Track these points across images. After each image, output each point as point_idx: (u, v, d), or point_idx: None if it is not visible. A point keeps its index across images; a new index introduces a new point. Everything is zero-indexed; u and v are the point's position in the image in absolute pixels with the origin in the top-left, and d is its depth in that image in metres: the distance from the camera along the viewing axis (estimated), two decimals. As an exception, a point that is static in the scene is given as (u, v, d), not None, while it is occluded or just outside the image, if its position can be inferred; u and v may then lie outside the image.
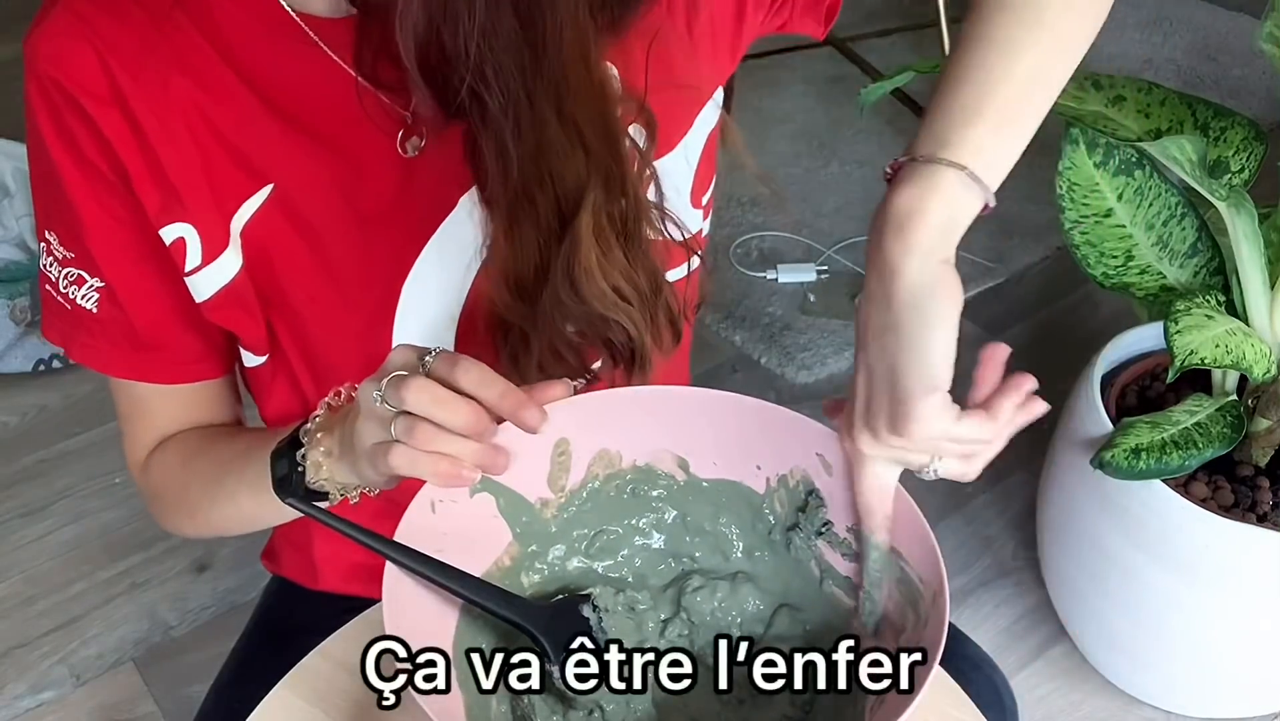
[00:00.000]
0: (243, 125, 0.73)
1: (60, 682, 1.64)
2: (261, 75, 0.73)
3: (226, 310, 0.79)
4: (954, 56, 0.70)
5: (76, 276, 0.79)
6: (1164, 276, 1.43)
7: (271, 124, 0.74)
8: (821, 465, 0.71)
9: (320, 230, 0.77)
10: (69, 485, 1.90)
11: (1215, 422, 1.37)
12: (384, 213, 0.77)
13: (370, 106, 0.72)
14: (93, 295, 0.79)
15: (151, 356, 0.82)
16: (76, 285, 0.80)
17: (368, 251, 0.78)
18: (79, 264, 0.79)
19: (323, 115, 0.74)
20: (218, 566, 1.79)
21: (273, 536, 1.02)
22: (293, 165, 0.75)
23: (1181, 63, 2.89)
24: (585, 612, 0.70)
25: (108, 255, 0.78)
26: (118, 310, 0.80)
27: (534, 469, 0.72)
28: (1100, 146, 1.38)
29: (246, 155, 0.74)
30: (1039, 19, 0.67)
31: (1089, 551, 1.52)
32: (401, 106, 0.74)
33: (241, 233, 0.76)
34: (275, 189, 0.75)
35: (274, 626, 0.99)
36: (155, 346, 0.82)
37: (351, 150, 0.75)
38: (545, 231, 0.70)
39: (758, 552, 0.75)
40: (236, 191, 0.75)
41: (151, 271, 0.78)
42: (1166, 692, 1.59)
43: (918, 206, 0.63)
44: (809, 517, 0.72)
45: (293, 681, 0.77)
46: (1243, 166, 1.36)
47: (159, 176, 0.74)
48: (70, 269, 0.79)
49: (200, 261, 0.77)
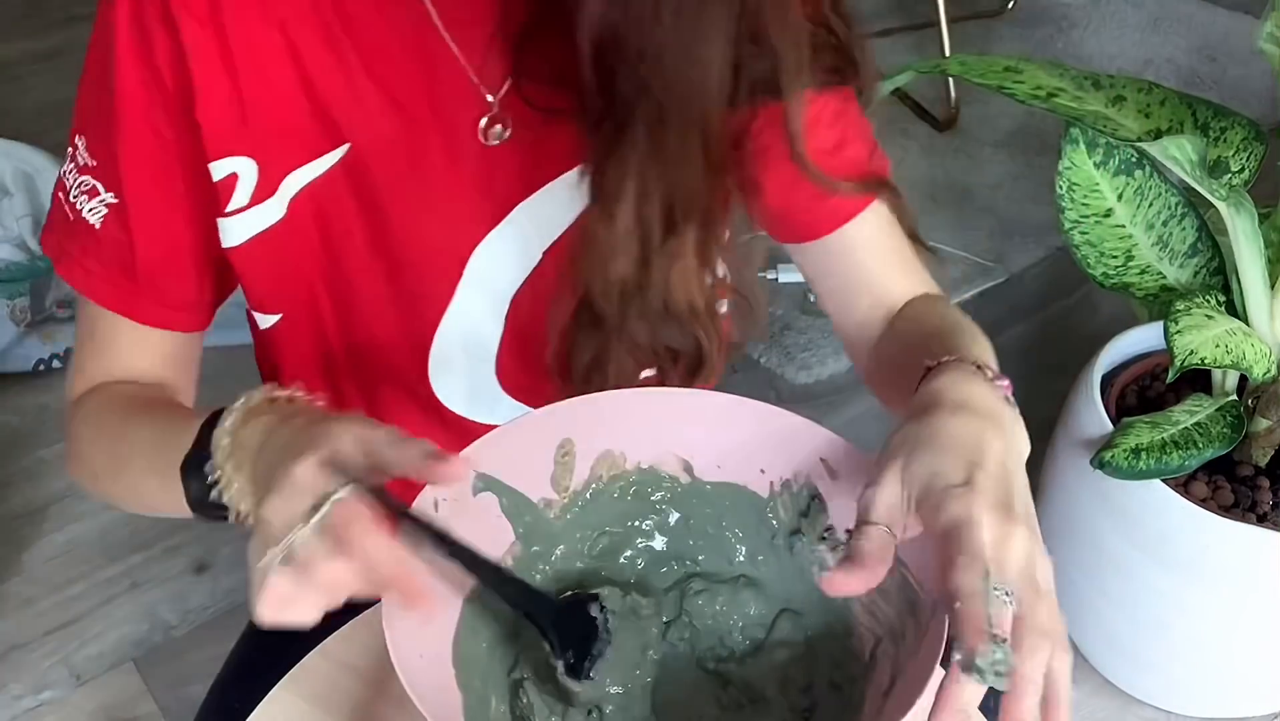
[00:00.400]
0: (336, 80, 0.73)
1: (60, 682, 1.64)
2: (366, 35, 0.73)
3: (255, 259, 0.78)
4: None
5: (91, 187, 0.76)
6: (1164, 276, 1.43)
7: (366, 84, 0.74)
8: (825, 470, 0.71)
9: (385, 203, 0.77)
10: (69, 485, 1.89)
11: (1215, 422, 1.37)
12: (452, 197, 0.78)
13: (460, 87, 0.74)
14: (101, 210, 0.76)
15: (140, 291, 0.79)
16: (88, 196, 0.76)
17: (429, 231, 0.78)
18: (99, 174, 0.76)
19: (414, 88, 0.74)
20: (218, 566, 1.79)
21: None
22: (375, 132, 0.75)
23: (1181, 63, 2.89)
24: (593, 612, 0.70)
25: (135, 171, 0.75)
26: (122, 233, 0.77)
27: (538, 469, 0.72)
28: (1100, 146, 1.38)
29: (331, 111, 0.74)
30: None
31: (1089, 551, 1.52)
32: (490, 92, 0.75)
33: (301, 190, 0.76)
34: (351, 150, 0.75)
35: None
36: (148, 281, 0.79)
37: (433, 128, 0.76)
38: (646, 235, 0.73)
39: (760, 556, 0.75)
40: (310, 145, 0.75)
41: (174, 201, 0.76)
42: (1166, 692, 1.60)
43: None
44: (812, 522, 0.72)
45: (293, 681, 0.77)
46: (1243, 166, 1.36)
47: (233, 106, 0.72)
48: (87, 178, 0.77)
49: (246, 202, 0.76)
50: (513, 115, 0.76)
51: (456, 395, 0.87)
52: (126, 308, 0.80)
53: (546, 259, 0.82)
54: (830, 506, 0.71)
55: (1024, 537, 0.58)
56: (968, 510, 0.58)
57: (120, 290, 0.79)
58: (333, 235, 0.78)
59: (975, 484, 0.59)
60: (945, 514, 0.59)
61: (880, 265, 0.88)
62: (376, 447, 0.59)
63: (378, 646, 0.61)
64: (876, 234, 0.87)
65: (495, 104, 0.76)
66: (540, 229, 0.81)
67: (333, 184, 0.76)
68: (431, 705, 0.58)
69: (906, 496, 0.62)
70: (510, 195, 0.80)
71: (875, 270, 0.88)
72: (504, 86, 0.75)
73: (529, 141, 0.77)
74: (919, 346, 0.76)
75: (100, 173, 0.76)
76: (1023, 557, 0.58)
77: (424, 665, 0.62)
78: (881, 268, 0.88)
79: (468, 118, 0.76)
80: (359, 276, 0.80)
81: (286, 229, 0.77)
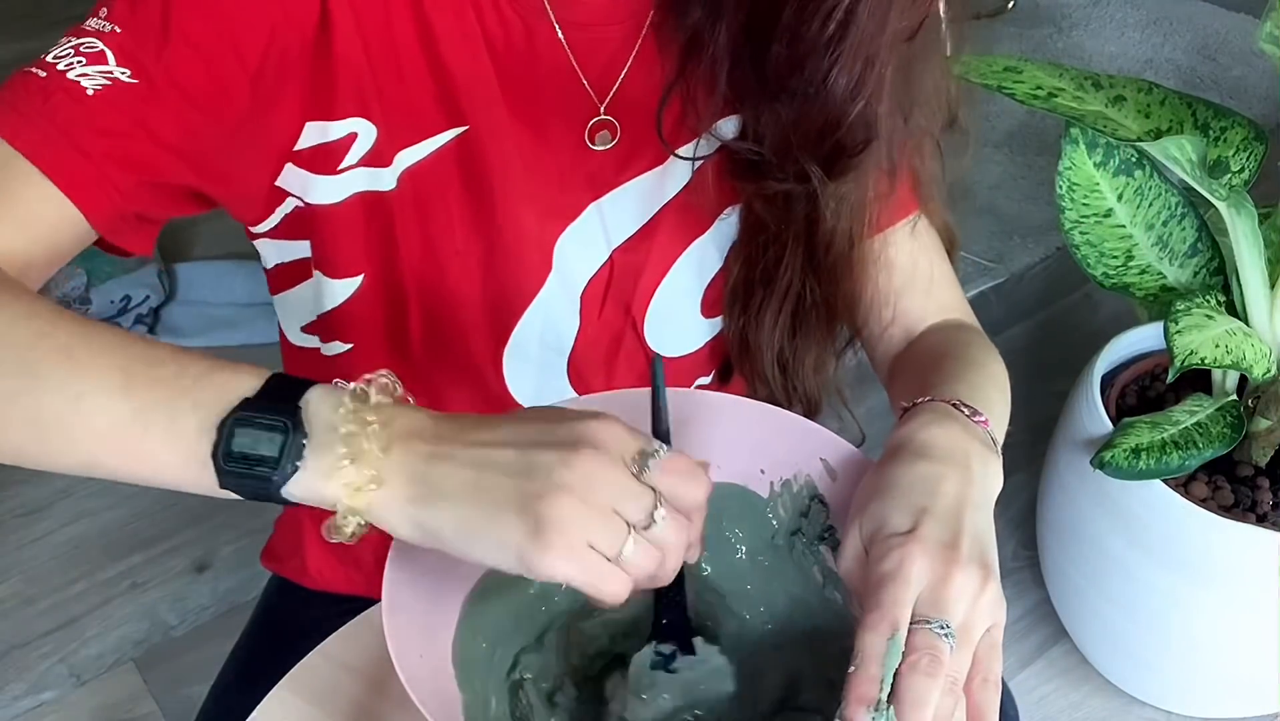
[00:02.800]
0: (463, 59, 0.73)
1: (60, 682, 1.64)
2: (491, 20, 0.73)
3: (350, 220, 0.76)
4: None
5: (98, 51, 0.63)
6: (1164, 276, 1.43)
7: (488, 69, 0.74)
8: (825, 470, 0.71)
9: (491, 188, 0.77)
10: (69, 485, 1.89)
11: (1215, 422, 1.37)
12: (552, 190, 0.79)
13: (570, 88, 0.76)
14: (99, 80, 0.62)
15: (89, 163, 0.63)
16: (86, 59, 0.63)
17: (526, 221, 0.79)
18: (120, 43, 0.63)
19: (530, 80, 0.76)
20: (218, 566, 1.79)
21: (273, 536, 1.02)
22: (493, 117, 0.75)
23: (1181, 63, 2.89)
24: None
25: (187, 68, 0.64)
26: (116, 114, 0.63)
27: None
28: (1100, 146, 1.38)
29: (454, 91, 0.74)
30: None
31: (1089, 551, 1.52)
32: (599, 98, 0.77)
33: (415, 164, 0.76)
34: (468, 132, 0.75)
35: (274, 626, 0.99)
36: (105, 162, 0.63)
37: (545, 123, 0.77)
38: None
39: (760, 556, 0.75)
40: (430, 121, 0.75)
41: (207, 122, 0.66)
42: (1166, 692, 1.60)
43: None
44: (811, 522, 0.72)
45: (293, 681, 0.77)
46: (1243, 166, 1.36)
47: (365, 71, 0.71)
48: (94, 40, 0.63)
49: (355, 162, 0.74)
50: (620, 120, 0.78)
51: (525, 387, 0.87)
52: (57, 166, 0.62)
53: (615, 256, 0.84)
54: (831, 506, 0.71)
55: (970, 579, 0.58)
56: (899, 562, 0.58)
57: (61, 150, 0.62)
58: (433, 213, 0.78)
59: (918, 530, 0.59)
60: (878, 567, 0.59)
61: (905, 282, 0.88)
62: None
63: (378, 646, 0.61)
64: (904, 251, 0.88)
65: (603, 110, 0.78)
66: (611, 227, 0.82)
67: (443, 162, 0.76)
68: (431, 705, 0.58)
69: (863, 549, 0.62)
70: (597, 192, 0.81)
71: (899, 286, 0.88)
72: (611, 93, 0.77)
73: (627, 146, 0.80)
74: (917, 378, 0.78)
75: (127, 41, 0.63)
76: (965, 600, 0.57)
77: (424, 665, 0.62)
78: (906, 285, 0.88)
79: (577, 119, 0.78)
80: (452, 258, 0.80)
81: (393, 199, 0.77)
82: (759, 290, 0.85)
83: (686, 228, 0.84)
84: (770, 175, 0.78)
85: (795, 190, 0.78)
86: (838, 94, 0.71)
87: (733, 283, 0.86)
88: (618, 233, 0.83)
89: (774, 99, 0.74)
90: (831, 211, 0.78)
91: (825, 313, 0.85)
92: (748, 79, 0.74)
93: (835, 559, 0.67)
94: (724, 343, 0.90)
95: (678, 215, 0.83)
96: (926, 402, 0.69)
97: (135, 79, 0.63)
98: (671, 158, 0.81)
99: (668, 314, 0.87)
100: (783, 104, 0.74)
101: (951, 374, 0.76)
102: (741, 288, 0.86)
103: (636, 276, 0.85)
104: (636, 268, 0.84)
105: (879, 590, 0.57)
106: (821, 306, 0.85)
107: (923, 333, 0.88)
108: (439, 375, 0.86)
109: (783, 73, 0.72)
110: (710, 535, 0.75)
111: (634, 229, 0.83)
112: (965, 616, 0.57)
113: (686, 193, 0.83)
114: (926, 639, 0.55)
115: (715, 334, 0.90)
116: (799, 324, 0.86)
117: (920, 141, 0.81)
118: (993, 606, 0.58)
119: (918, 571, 0.57)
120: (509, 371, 0.86)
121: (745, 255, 0.85)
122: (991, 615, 0.58)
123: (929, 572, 0.58)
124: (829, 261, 0.82)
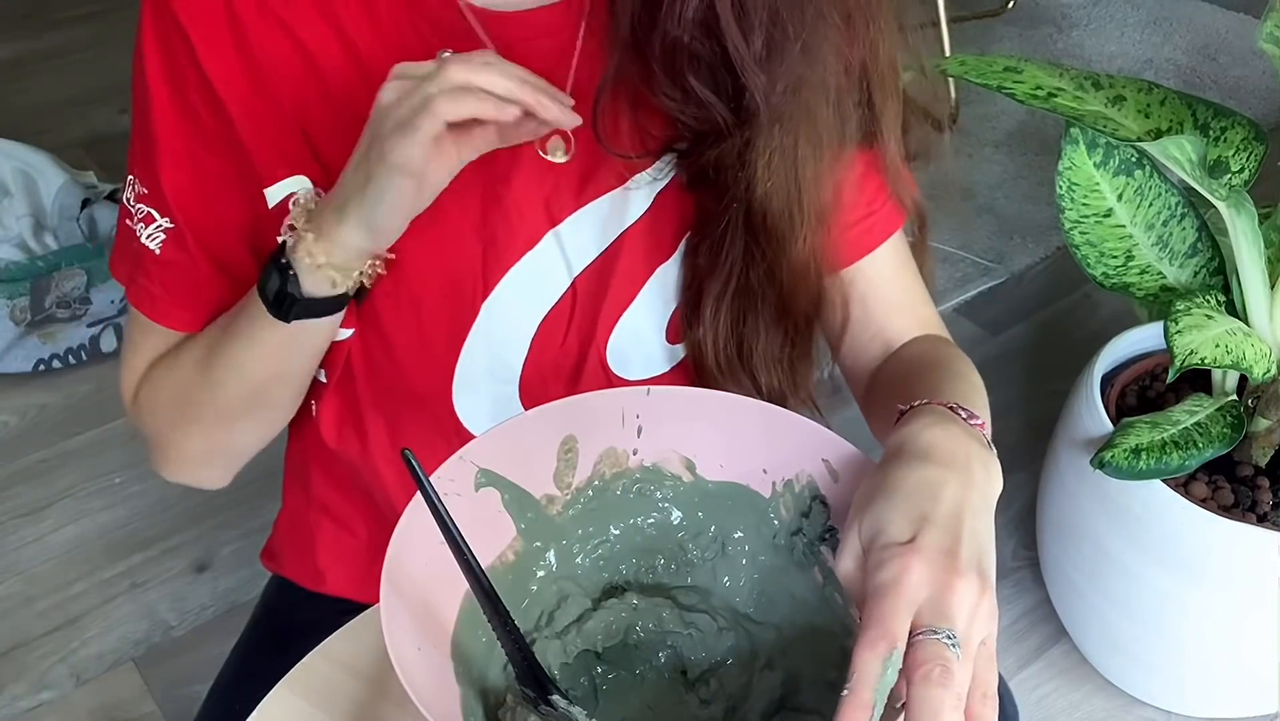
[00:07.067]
0: (361, 94, 0.72)
1: (60, 682, 1.64)
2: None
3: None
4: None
5: (146, 214, 0.80)
6: (1164, 276, 1.43)
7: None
8: (827, 470, 0.71)
9: (436, 222, 0.75)
10: (69, 485, 1.90)
11: (1215, 422, 1.37)
12: (511, 200, 0.79)
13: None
14: (159, 236, 0.79)
15: (201, 308, 0.82)
16: (145, 223, 0.80)
17: (465, 248, 0.79)
18: (152, 201, 0.79)
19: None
20: (218, 566, 1.79)
21: (273, 536, 1.02)
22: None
23: (1181, 63, 2.89)
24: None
25: (180, 198, 0.78)
26: (183, 254, 0.80)
27: (540, 465, 0.72)
28: (1100, 146, 1.38)
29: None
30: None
31: (1089, 551, 1.52)
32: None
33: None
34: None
35: (274, 626, 0.99)
36: (209, 294, 0.82)
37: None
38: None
39: (761, 556, 0.75)
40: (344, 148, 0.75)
41: (227, 223, 0.79)
42: (1166, 692, 1.60)
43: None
44: (813, 523, 0.72)
45: (293, 681, 0.77)
46: (1243, 166, 1.36)
47: (273, 128, 0.75)
48: (142, 205, 0.80)
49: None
50: (576, 135, 0.77)
51: (479, 418, 0.87)
52: (190, 327, 0.83)
53: (578, 283, 0.83)
54: (832, 507, 0.71)
55: (969, 587, 0.57)
56: (897, 573, 0.57)
57: (185, 313, 0.83)
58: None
59: (918, 539, 0.58)
60: (876, 575, 0.58)
61: (885, 301, 0.88)
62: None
63: (378, 646, 0.61)
64: (888, 269, 0.88)
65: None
66: (571, 253, 0.82)
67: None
68: (429, 699, 0.58)
69: (862, 553, 0.61)
70: (554, 219, 0.80)
71: (880, 305, 0.88)
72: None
73: (585, 161, 0.79)
74: (903, 386, 0.78)
75: (153, 200, 0.79)
76: (965, 609, 0.57)
77: (422, 659, 0.62)
78: (886, 304, 0.89)
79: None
80: (384, 299, 0.80)
81: None
82: (706, 277, 0.83)
83: (649, 254, 0.83)
84: (701, 143, 0.77)
85: (725, 152, 0.76)
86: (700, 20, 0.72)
87: (685, 280, 0.85)
88: (578, 259, 0.82)
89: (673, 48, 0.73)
90: (764, 166, 0.77)
91: (773, 293, 0.83)
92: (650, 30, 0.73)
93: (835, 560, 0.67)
94: (688, 368, 0.89)
95: (641, 241, 0.82)
96: (924, 405, 0.69)
97: (173, 223, 0.79)
98: (631, 180, 0.80)
99: (632, 341, 0.86)
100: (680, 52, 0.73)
101: (940, 382, 0.76)
102: (690, 279, 0.85)
103: (599, 304, 0.84)
104: (598, 295, 0.84)
105: (876, 602, 0.57)
106: (768, 285, 0.83)
107: (904, 345, 0.89)
108: (391, 406, 0.87)
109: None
110: (711, 535, 0.75)
111: (595, 254, 0.82)
112: (965, 627, 0.56)
113: (649, 217, 0.82)
114: (935, 649, 0.54)
115: (680, 360, 0.89)
116: (747, 308, 0.84)
117: (881, 123, 0.87)
118: (988, 617, 0.58)
119: (916, 582, 0.57)
120: (460, 405, 0.86)
121: (693, 245, 0.83)
122: (987, 626, 0.58)
123: (929, 582, 0.57)
124: (769, 227, 0.79)
